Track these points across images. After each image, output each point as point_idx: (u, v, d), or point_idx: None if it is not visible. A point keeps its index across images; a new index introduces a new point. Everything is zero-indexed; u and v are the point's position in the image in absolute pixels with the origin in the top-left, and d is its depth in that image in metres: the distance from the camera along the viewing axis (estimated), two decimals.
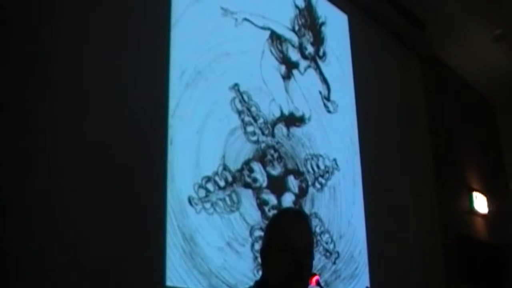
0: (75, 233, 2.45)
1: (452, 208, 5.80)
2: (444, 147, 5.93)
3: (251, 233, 3.25)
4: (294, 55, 3.99)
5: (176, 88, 3.08)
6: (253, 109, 3.50)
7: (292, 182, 3.65)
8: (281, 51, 3.88)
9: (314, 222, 3.69)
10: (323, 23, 4.36)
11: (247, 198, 3.30)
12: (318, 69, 4.16)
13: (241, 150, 3.37)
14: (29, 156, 2.43)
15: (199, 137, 3.14)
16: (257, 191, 3.38)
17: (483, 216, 6.26)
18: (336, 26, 4.53)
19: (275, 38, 3.86)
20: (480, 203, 6.25)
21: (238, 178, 3.28)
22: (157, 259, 2.75)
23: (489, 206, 6.36)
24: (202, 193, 3.04)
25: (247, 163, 3.37)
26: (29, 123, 2.47)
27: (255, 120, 3.51)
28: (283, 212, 2.29)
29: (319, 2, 4.39)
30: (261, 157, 3.48)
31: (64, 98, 2.60)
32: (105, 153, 2.67)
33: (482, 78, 6.87)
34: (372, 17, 5.14)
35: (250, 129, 3.45)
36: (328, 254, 3.74)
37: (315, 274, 1.76)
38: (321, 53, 4.24)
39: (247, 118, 3.45)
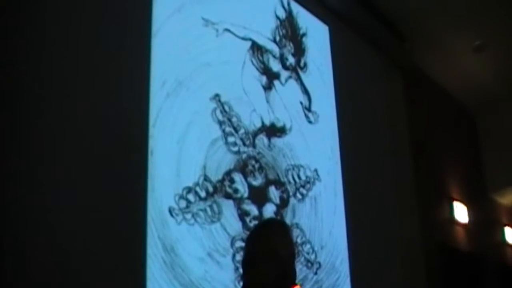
0: (53, 244, 2.43)
1: (433, 217, 5.85)
2: (425, 157, 5.97)
3: (232, 244, 3.24)
4: (275, 66, 4.01)
5: (157, 98, 3.08)
6: (234, 119, 3.51)
7: (273, 192, 3.66)
8: (262, 62, 3.90)
9: (295, 232, 3.69)
10: (304, 34, 4.39)
11: (228, 208, 3.30)
12: (299, 79, 4.18)
13: (222, 160, 3.36)
14: (9, 164, 2.41)
15: (179, 148, 3.13)
16: (238, 201, 3.38)
17: (463, 225, 6.30)
18: (317, 37, 4.57)
19: (256, 48, 3.88)
20: (461, 212, 6.29)
21: (219, 188, 3.28)
22: (137, 270, 2.74)
23: (469, 215, 6.41)
24: (182, 203, 3.04)
25: (228, 173, 3.37)
26: (13, 129, 2.46)
27: (236, 130, 3.51)
28: (267, 223, 2.31)
29: (300, 13, 4.42)
30: (242, 167, 3.48)
31: (45, 106, 2.58)
32: (85, 163, 2.65)
33: (462, 88, 6.96)
34: (353, 28, 5.19)
35: (231, 139, 3.46)
36: (309, 264, 3.75)
37: (296, 284, 1.77)
38: (302, 63, 4.26)
39: (228, 129, 3.46)
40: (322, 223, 3.99)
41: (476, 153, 7.43)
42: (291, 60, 4.17)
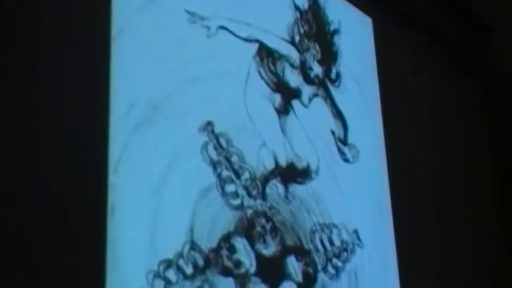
0: None
1: None
2: None
3: None
4: (294, 79, 4.02)
5: (120, 131, 3.05)
6: (234, 158, 3.50)
7: (294, 265, 3.63)
8: (275, 73, 3.91)
9: None
10: (335, 31, 4.41)
11: None
12: (329, 98, 4.19)
13: (217, 219, 3.34)
14: None
15: (155, 202, 3.10)
16: (242, 279, 3.35)
17: None
18: (356, 34, 4.60)
19: (266, 54, 3.89)
20: None
21: (214, 261, 3.25)
22: None
23: None
24: (159, 285, 3.00)
25: (226, 239, 3.35)
26: None
27: (238, 175, 3.50)
28: None
29: (329, 1, 4.45)
30: (247, 229, 3.46)
31: None
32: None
33: None
34: (408, 20, 5.20)
35: (230, 188, 3.44)
36: None
37: None
38: (333, 74, 4.28)
39: (225, 173, 3.44)
40: None
41: None
42: (317, 70, 4.18)
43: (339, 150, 4.16)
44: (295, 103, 3.98)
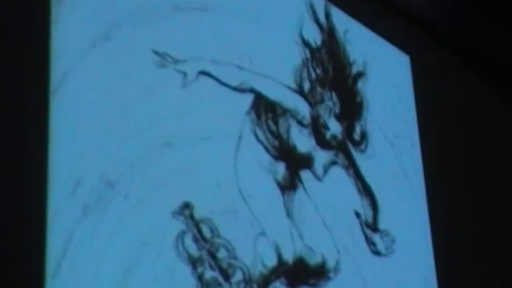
0: None
1: None
2: None
3: None
4: (304, 142, 3.95)
5: (61, 218, 2.92)
6: (221, 254, 3.37)
7: None
8: (277, 135, 3.83)
9: None
10: (360, 75, 4.37)
11: None
12: (352, 167, 4.12)
13: None
14: None
15: None
16: None
17: None
18: (388, 78, 4.53)
19: (264, 108, 3.82)
20: None
21: None
22: None
23: None
24: None
25: None
26: None
27: (227, 276, 3.37)
28: None
29: (352, 33, 4.40)
30: None
31: None
32: None
33: None
34: (461, 55, 5.16)
35: None
36: None
37: None
38: (356, 134, 4.22)
39: (209, 274, 3.32)
40: None
41: None
42: (334, 128, 4.11)
43: (367, 238, 4.11)
44: (305, 174, 3.92)
